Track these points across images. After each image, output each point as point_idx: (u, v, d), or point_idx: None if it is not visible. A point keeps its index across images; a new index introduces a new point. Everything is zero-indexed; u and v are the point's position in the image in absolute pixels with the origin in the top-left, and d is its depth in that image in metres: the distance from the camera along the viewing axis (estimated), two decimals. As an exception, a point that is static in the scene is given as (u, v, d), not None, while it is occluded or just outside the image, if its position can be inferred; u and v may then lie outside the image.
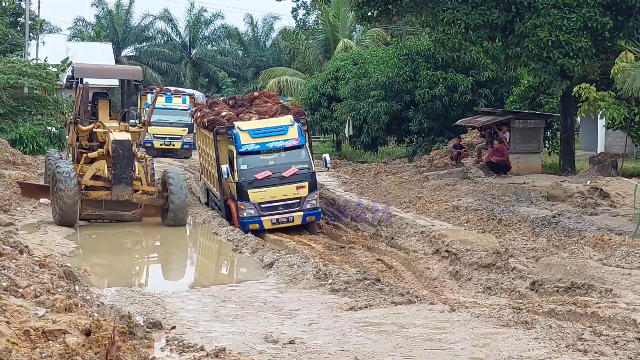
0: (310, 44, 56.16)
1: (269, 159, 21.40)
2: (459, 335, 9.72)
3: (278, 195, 20.98)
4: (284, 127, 21.66)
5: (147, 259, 20.36)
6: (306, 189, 21.12)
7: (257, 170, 21.08)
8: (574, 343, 8.70)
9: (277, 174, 21.14)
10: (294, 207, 21.08)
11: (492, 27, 27.66)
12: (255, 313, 11.87)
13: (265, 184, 21.00)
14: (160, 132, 42.41)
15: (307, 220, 21.23)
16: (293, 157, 21.48)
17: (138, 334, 9.29)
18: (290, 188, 21.07)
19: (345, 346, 9.40)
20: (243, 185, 20.99)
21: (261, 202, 20.91)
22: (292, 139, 21.53)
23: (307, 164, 21.56)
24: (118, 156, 21.18)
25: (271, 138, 21.45)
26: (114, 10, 76.65)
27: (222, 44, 79.46)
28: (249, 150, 21.27)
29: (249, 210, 20.92)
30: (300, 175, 21.28)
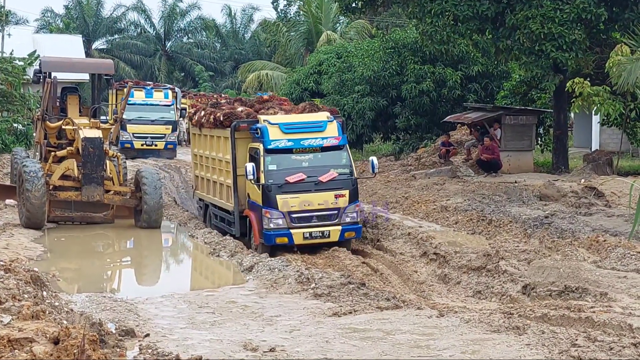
0: (292, 36, 56.17)
1: (303, 160, 19.02)
2: (447, 341, 9.72)
3: (313, 203, 18.59)
4: (322, 123, 19.29)
5: (119, 263, 20.25)
6: (346, 198, 18.71)
7: (289, 172, 18.66)
8: (568, 349, 8.73)
9: (312, 178, 18.71)
10: (331, 219, 18.64)
11: (482, 18, 27.72)
12: (233, 319, 11.83)
13: (297, 189, 18.58)
14: (141, 131, 40.61)
15: (346, 237, 18.78)
16: (332, 159, 19.15)
17: (110, 342, 9.24)
18: (328, 196, 18.69)
19: (328, 354, 9.39)
20: (271, 188, 18.42)
21: (292, 210, 18.45)
22: (331, 137, 19.13)
23: (348, 168, 19.17)
24: (88, 155, 21.06)
25: (307, 135, 19.02)
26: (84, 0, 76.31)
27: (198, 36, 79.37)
28: (280, 148, 18.81)
29: (276, 220, 18.38)
30: (340, 181, 18.89)
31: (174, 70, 76.22)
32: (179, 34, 78.87)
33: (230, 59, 77.24)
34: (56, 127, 22.25)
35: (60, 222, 22.06)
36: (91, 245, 20.83)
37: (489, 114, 30.99)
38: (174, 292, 14.42)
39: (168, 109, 41.66)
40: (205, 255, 19.02)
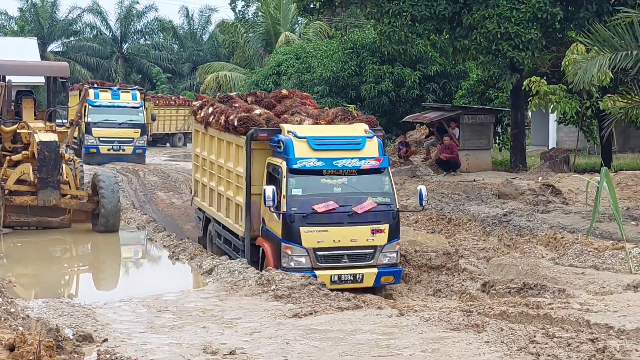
0: (250, 37, 56.09)
1: (335, 185, 15.65)
2: (407, 340, 9.75)
3: (344, 239, 15.33)
4: (360, 140, 15.79)
5: (77, 268, 20.07)
6: (385, 234, 15.40)
7: (317, 200, 15.37)
8: (526, 346, 8.79)
9: (345, 208, 15.36)
10: (366, 259, 15.38)
11: (439, 19, 27.90)
12: (193, 323, 11.77)
13: (326, 221, 15.31)
14: (107, 135, 38.59)
15: (382, 282, 15.52)
16: (370, 185, 15.78)
17: (67, 348, 9.15)
18: (363, 231, 15.37)
19: (289, 355, 9.38)
20: (294, 219, 15.20)
21: (318, 247, 15.25)
22: (370, 157, 15.69)
23: (389, 197, 15.75)
24: (44, 159, 20.82)
25: (341, 153, 15.61)
26: (38, 2, 75.64)
27: (155, 37, 78.93)
28: (307, 169, 15.45)
29: (298, 259, 15.22)
30: (379, 212, 15.49)
31: (131, 72, 75.69)
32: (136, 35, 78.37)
33: (188, 60, 76.97)
34: (11, 131, 22.01)
35: (16, 227, 21.75)
36: (48, 250, 20.61)
37: (447, 113, 31.20)
38: (133, 296, 14.29)
39: (136, 111, 39.77)
40: (164, 259, 18.91)
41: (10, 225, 21.55)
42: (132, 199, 28.09)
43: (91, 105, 38.65)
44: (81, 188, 22.60)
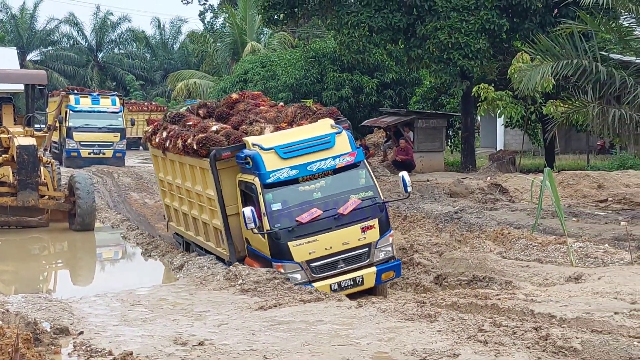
0: (218, 46, 55.94)
1: (314, 190, 14.22)
2: (365, 330, 9.76)
3: (336, 244, 13.90)
4: (329, 137, 14.38)
5: (54, 264, 19.93)
6: (376, 229, 14.10)
7: (299, 210, 13.97)
8: (475, 334, 8.82)
9: (330, 212, 13.97)
10: (362, 259, 14.10)
11: (395, 29, 28.00)
12: (164, 316, 11.71)
13: (313, 230, 13.87)
14: (88, 139, 38.16)
15: (383, 280, 14.26)
16: (350, 182, 14.40)
17: (44, 341, 9.08)
18: (353, 231, 14.00)
19: (254, 345, 9.35)
20: (279, 236, 13.83)
21: (311, 259, 13.86)
22: (344, 154, 14.32)
23: (372, 190, 14.41)
24: (23, 161, 20.68)
25: (313, 156, 14.19)
26: (18, 14, 75.00)
27: (129, 47, 78.51)
28: (282, 180, 14.03)
29: (293, 275, 13.79)
30: (365, 209, 14.15)
31: (106, 80, 75.18)
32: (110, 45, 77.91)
33: (160, 68, 76.61)
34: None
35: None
36: (27, 248, 20.44)
37: (403, 118, 31.37)
38: (107, 291, 14.19)
39: (116, 115, 39.28)
40: (137, 256, 18.81)
41: (-9, 224, 21.44)
42: (106, 200, 27.94)
43: (72, 110, 38.35)
44: (58, 189, 22.42)
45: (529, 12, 27.23)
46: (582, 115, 18.99)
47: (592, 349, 7.87)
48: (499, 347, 8.29)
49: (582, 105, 18.61)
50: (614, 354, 7.65)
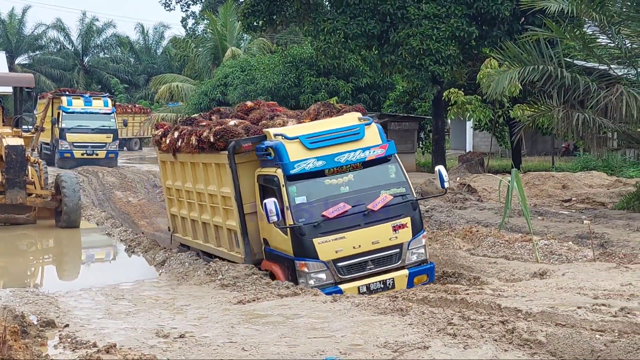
0: (200, 51, 55.74)
1: (341, 184, 12.55)
2: (340, 323, 9.75)
3: (365, 243, 12.27)
4: (358, 128, 12.83)
5: (41, 260, 19.79)
6: (409, 228, 12.48)
7: (325, 205, 12.34)
8: (445, 327, 8.84)
9: (359, 208, 12.37)
10: (392, 261, 12.45)
11: (369, 36, 28.04)
12: (147, 309, 11.66)
13: (341, 226, 12.25)
14: (81, 140, 37.31)
15: (415, 284, 12.44)
16: (380, 178, 12.76)
17: (31, 333, 9.03)
18: (384, 229, 12.36)
19: (233, 338, 9.33)
20: (304, 231, 12.17)
21: (337, 258, 12.20)
22: (374, 146, 12.75)
23: (404, 187, 12.79)
24: (11, 161, 20.54)
25: (341, 147, 12.60)
26: (7, 19, 74.44)
27: (114, 51, 78.16)
28: (308, 171, 12.43)
29: (317, 275, 12.20)
30: (397, 206, 12.53)
31: (92, 83, 74.75)
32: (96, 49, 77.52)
33: (143, 72, 76.29)
34: (-20, 137, 21.66)
35: (-14, 224, 21.48)
36: (15, 245, 20.28)
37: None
38: (92, 285, 14.14)
39: (108, 117, 38.50)
40: (121, 252, 18.71)
41: (-20, 222, 21.29)
42: (92, 198, 27.80)
43: (65, 111, 37.77)
44: (45, 188, 22.28)
45: (497, 20, 27.36)
46: (548, 119, 19.09)
47: (556, 342, 7.90)
48: (468, 339, 8.31)
49: (547, 109, 18.70)
50: (577, 347, 7.69)
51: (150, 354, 7.75)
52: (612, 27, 19.04)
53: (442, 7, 27.00)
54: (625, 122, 18.29)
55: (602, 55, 19.82)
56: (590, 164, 28.67)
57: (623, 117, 17.69)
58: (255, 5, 29.08)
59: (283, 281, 12.48)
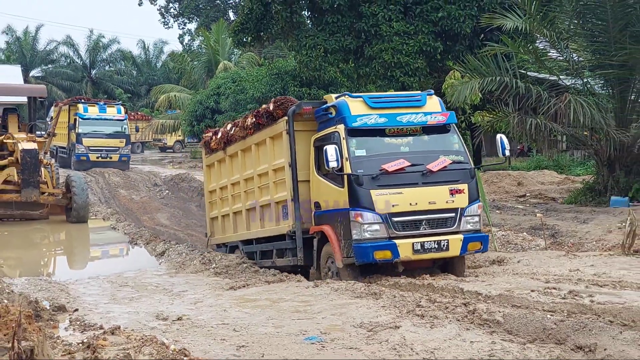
0: (195, 65, 55.54)
1: (401, 144, 11.47)
2: (320, 306, 9.77)
3: (422, 202, 11.10)
4: (420, 96, 11.92)
5: (53, 252, 19.70)
6: (465, 194, 11.30)
7: (384, 160, 11.21)
8: (414, 309, 8.87)
9: (418, 167, 11.24)
10: (447, 224, 11.25)
11: (346, 51, 28.05)
12: (148, 295, 11.63)
13: (398, 182, 11.11)
14: (96, 145, 36.69)
15: (469, 250, 11.41)
16: (438, 144, 11.68)
17: (44, 317, 8.98)
18: (441, 191, 11.20)
19: (225, 320, 9.32)
20: (361, 181, 11.00)
21: (393, 212, 11.01)
22: (435, 112, 11.68)
23: (462, 156, 11.69)
24: (26, 163, 20.47)
25: (403, 109, 11.56)
26: (22, 37, 73.87)
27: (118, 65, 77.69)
28: (369, 126, 11.34)
29: (371, 227, 10.94)
30: (455, 171, 11.43)
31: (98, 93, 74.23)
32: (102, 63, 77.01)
33: (145, 83, 75.90)
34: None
35: (4, 219, 21.38)
36: (29, 238, 20.20)
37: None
38: (99, 274, 14.10)
39: (121, 123, 38.05)
40: (125, 244, 18.66)
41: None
42: (99, 196, 27.68)
43: (81, 118, 37.44)
44: (57, 187, 22.21)
45: (460, 37, 27.43)
46: (505, 124, 19.16)
47: (512, 321, 7.94)
48: (434, 319, 8.34)
49: (504, 115, 18.78)
50: (530, 326, 7.73)
51: (151, 335, 7.71)
52: (561, 42, 19.15)
53: (411, 25, 27.06)
54: (572, 127, 18.39)
55: (552, 67, 19.94)
56: (542, 163, 28.80)
57: (571, 122, 17.79)
58: (245, 23, 29.01)
59: (333, 240, 11.34)
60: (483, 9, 25.28)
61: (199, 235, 18.74)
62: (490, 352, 7.03)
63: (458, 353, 7.08)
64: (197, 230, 19.83)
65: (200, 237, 18.44)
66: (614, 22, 17.50)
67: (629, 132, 18.25)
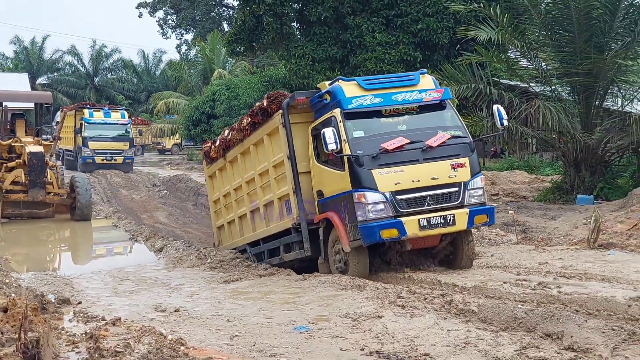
0: (192, 73, 55.41)
1: (398, 123, 10.79)
2: (308, 297, 9.77)
3: (424, 178, 10.35)
4: (413, 75, 11.06)
5: (58, 248, 19.57)
6: (467, 168, 10.55)
7: (383, 139, 10.46)
8: (395, 300, 8.88)
9: (417, 143, 10.49)
10: (452, 199, 10.49)
11: (333, 60, 28.07)
12: (147, 289, 11.60)
13: (399, 160, 10.34)
14: (101, 148, 36.24)
15: (476, 223, 10.62)
16: (436, 120, 10.91)
17: (49, 309, 8.93)
18: (443, 166, 10.45)
19: (219, 311, 9.31)
20: (362, 162, 10.23)
21: (397, 190, 10.24)
22: (429, 90, 10.89)
23: (460, 130, 10.87)
24: (33, 165, 20.36)
25: (397, 89, 10.80)
26: (29, 46, 73.45)
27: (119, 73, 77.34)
28: (364, 107, 10.60)
29: (376, 206, 10.18)
30: (454, 146, 10.66)
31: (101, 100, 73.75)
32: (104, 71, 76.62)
33: (144, 90, 75.65)
34: (7, 144, 21.38)
35: (12, 217, 21.24)
36: (36, 235, 20.06)
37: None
38: (101, 269, 14.04)
39: (125, 127, 37.60)
40: (126, 240, 18.57)
41: (7, 216, 21.06)
42: (101, 196, 27.54)
43: (87, 122, 37.17)
44: (62, 187, 22.06)
45: (437, 47, 27.51)
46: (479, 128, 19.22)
47: (486, 311, 7.97)
48: (414, 309, 8.35)
49: (479, 120, 18.84)
50: (503, 315, 7.75)
51: (149, 326, 7.69)
52: (531, 52, 19.22)
53: (392, 36, 27.12)
54: (542, 130, 18.47)
55: (523, 75, 20.01)
56: (514, 164, 28.89)
57: (540, 126, 17.86)
58: (238, 34, 28.99)
59: (339, 226, 10.54)
60: (459, 21, 25.35)
61: (195, 233, 18.68)
62: (465, 339, 7.05)
63: (436, 340, 7.09)
64: (194, 228, 19.77)
65: (196, 234, 18.38)
66: (579, 33, 17.58)
67: (594, 135, 18.34)
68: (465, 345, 6.89)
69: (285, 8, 27.91)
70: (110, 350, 6.41)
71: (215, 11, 65.04)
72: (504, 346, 6.76)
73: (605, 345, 6.50)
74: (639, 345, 6.38)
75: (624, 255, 11.92)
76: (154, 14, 66.57)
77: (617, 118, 18.17)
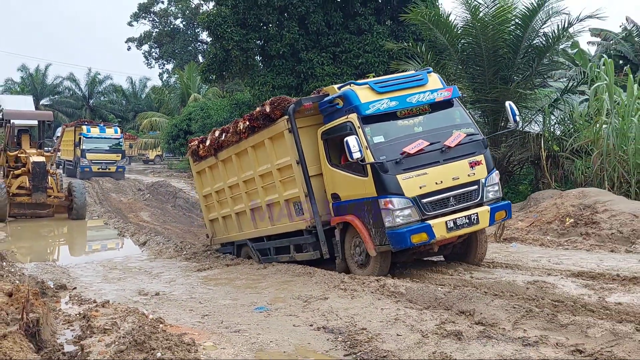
0: (172, 96, 54.82)
1: (414, 124, 9.20)
2: (268, 283, 9.74)
3: (446, 179, 8.92)
4: (421, 75, 9.52)
5: (58, 242, 19.12)
6: (483, 165, 9.17)
7: (403, 143, 8.91)
8: (339, 284, 8.89)
9: (435, 145, 9.00)
10: (472, 197, 9.09)
11: (289, 87, 28.08)
12: (133, 276, 11.42)
13: (420, 163, 8.84)
14: (97, 158, 35.63)
15: (497, 219, 9.23)
16: (448, 119, 9.39)
17: (49, 294, 8.73)
18: (462, 166, 9.04)
19: (193, 295, 9.23)
20: (386, 168, 8.67)
21: (422, 193, 8.75)
22: (440, 89, 9.43)
23: (471, 127, 9.38)
24: (36, 173, 20.01)
25: (409, 90, 9.26)
26: (34, 73, 71.93)
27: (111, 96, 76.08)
28: (382, 111, 9.00)
29: (403, 212, 8.65)
30: (469, 144, 9.20)
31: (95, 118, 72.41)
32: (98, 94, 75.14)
33: (132, 110, 74.49)
34: (14, 155, 21.06)
35: (18, 217, 20.73)
36: (38, 232, 19.57)
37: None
38: (94, 260, 13.77)
39: (118, 140, 37.10)
40: (115, 236, 18.24)
41: (14, 215, 20.60)
42: (94, 198, 27.01)
43: (85, 137, 36.78)
44: (60, 191, 21.62)
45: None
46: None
47: (412, 293, 8.04)
48: (354, 292, 8.38)
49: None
50: (426, 296, 7.83)
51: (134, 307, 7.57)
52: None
53: (338, 68, 27.28)
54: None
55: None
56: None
57: (457, 142, 18.08)
58: (211, 65, 28.80)
59: (363, 230, 8.98)
60: (392, 57, 25.61)
61: (173, 229, 18.44)
62: (396, 316, 7.10)
63: (372, 317, 7.13)
64: (172, 225, 19.53)
65: (175, 230, 18.14)
66: (488, 68, 17.93)
67: (500, 150, 18.71)
68: (395, 321, 6.94)
69: (250, 44, 27.86)
70: (100, 327, 6.30)
71: (191, 46, 64.56)
72: (426, 321, 6.83)
73: (508, 320, 6.61)
74: (535, 320, 6.51)
75: (524, 247, 12.16)
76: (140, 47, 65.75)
77: (518, 137, 18.56)
